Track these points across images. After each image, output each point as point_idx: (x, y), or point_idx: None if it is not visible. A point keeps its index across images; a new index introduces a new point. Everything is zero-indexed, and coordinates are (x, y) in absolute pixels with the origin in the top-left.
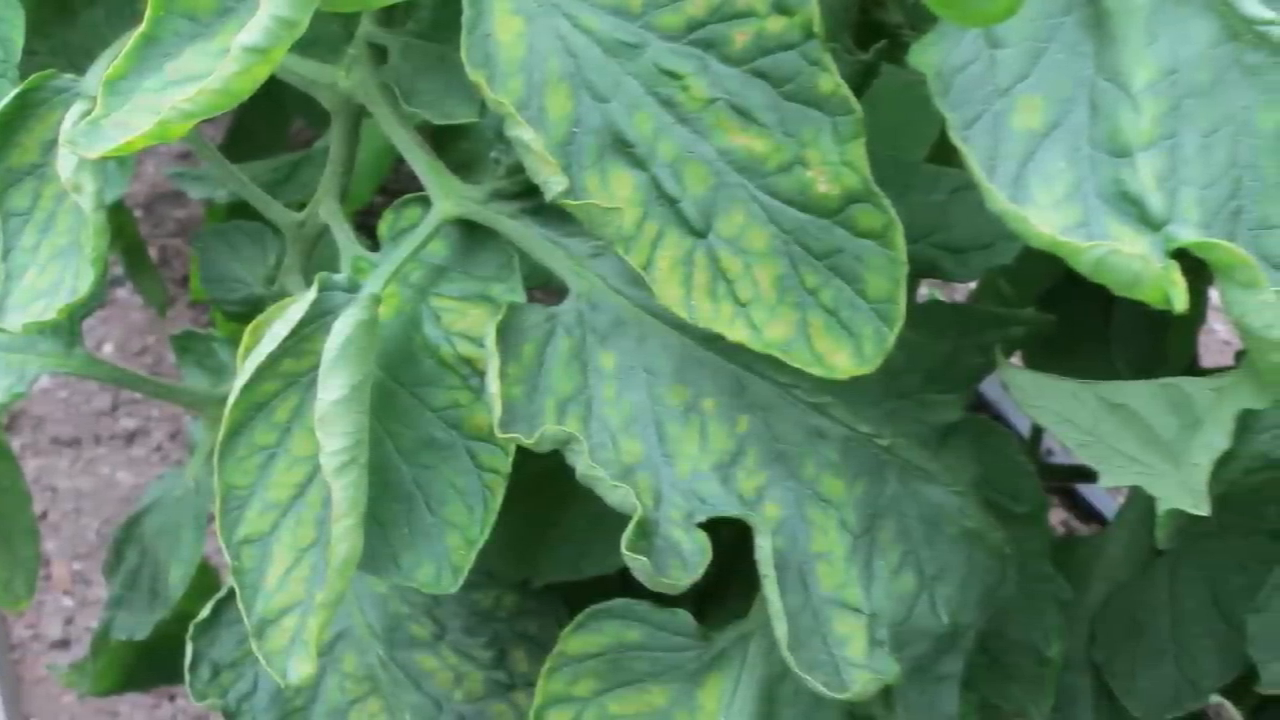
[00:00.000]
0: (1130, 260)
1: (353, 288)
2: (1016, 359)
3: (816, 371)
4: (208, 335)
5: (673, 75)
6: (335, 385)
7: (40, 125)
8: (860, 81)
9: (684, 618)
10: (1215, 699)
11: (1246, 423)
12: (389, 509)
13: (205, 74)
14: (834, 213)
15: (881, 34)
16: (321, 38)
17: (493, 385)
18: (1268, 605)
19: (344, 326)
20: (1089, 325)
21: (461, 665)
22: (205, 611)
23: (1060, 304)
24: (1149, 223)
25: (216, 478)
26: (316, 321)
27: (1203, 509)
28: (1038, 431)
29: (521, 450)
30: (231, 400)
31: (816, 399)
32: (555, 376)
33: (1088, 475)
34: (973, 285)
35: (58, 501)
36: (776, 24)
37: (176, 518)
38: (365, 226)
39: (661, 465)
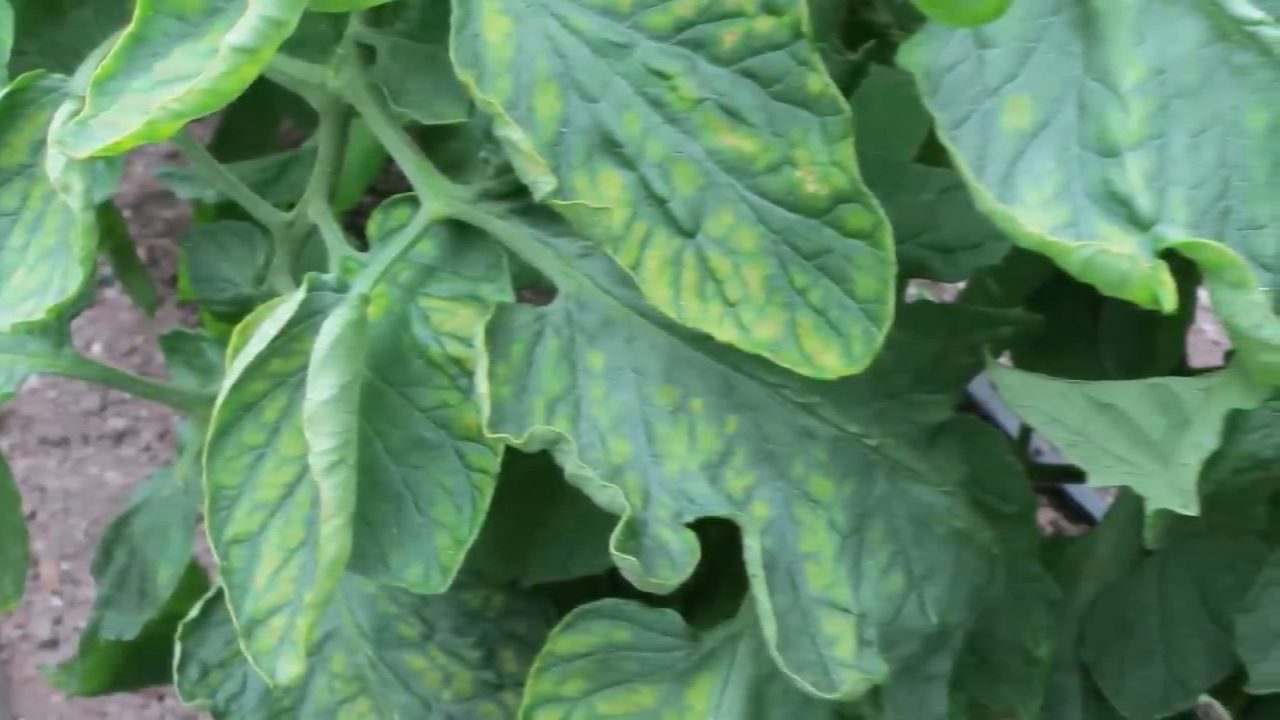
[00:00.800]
0: (1119, 260)
1: (341, 288)
2: (1005, 359)
3: (805, 371)
4: (196, 335)
5: (661, 75)
6: (324, 385)
7: (29, 125)
8: (849, 81)
9: (673, 618)
10: (1204, 699)
11: (1235, 423)
12: (378, 509)
13: (194, 74)
14: (822, 213)
15: (870, 34)
16: (310, 38)
17: (481, 385)
18: (1257, 605)
19: (333, 326)
20: (1077, 325)
21: (450, 665)
22: (194, 611)
23: (1049, 304)
24: (1137, 222)
25: (205, 478)
26: (305, 321)
27: (1191, 509)
28: (1026, 431)
29: (510, 450)
30: (220, 400)
31: (805, 399)
32: (544, 376)
33: (1076, 475)
34: (961, 285)
35: (46, 501)
36: (765, 24)
37: (165, 518)
38: (354, 226)
39: (650, 465)
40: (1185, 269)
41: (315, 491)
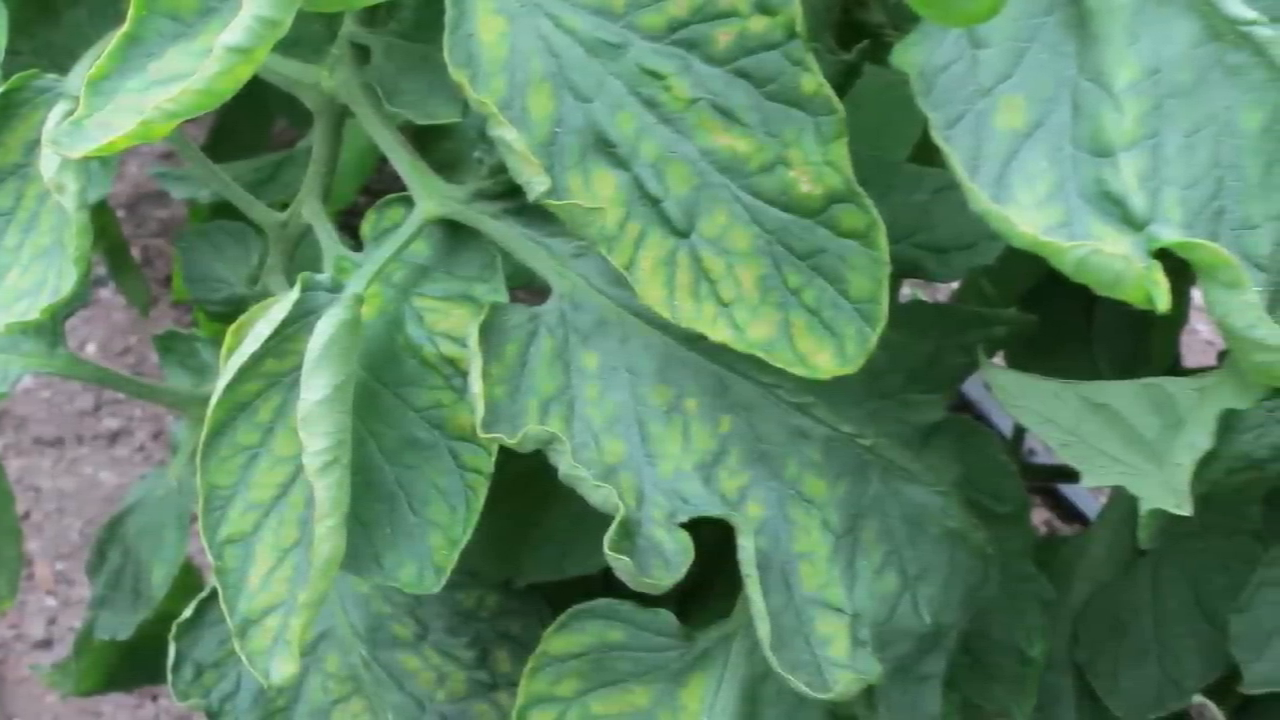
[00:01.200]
0: (1112, 260)
1: (335, 288)
2: (999, 359)
3: (799, 371)
4: (190, 335)
5: (655, 75)
6: (318, 385)
7: (23, 125)
8: (843, 81)
9: (666, 618)
10: (1198, 699)
11: (1229, 423)
12: (372, 509)
13: (188, 74)
14: (816, 213)
15: (864, 34)
16: (304, 38)
17: (475, 385)
18: (1250, 605)
19: (327, 326)
20: (1071, 325)
21: (444, 665)
22: (188, 611)
23: (1043, 304)
24: (1131, 223)
25: (199, 478)
26: (299, 321)
27: (1185, 509)
28: (1020, 431)
29: (504, 450)
30: (214, 400)
31: (799, 399)
32: (538, 376)
33: (1070, 475)
34: (955, 285)
35: (41, 501)
36: (759, 24)
37: (159, 518)
38: (348, 226)
39: (644, 465)
40: (1179, 269)
41: (309, 491)
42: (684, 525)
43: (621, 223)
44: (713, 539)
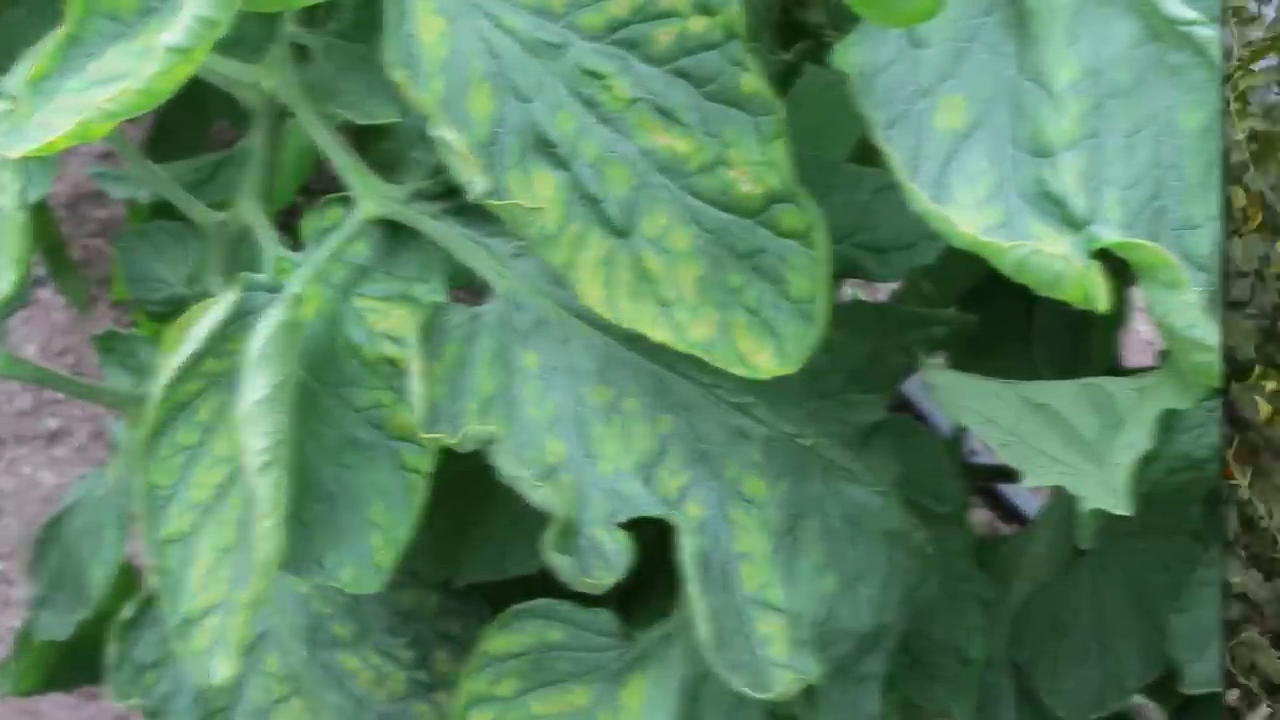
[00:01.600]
0: (1052, 260)
1: (275, 288)
2: (939, 359)
3: (739, 371)
4: (130, 335)
5: (595, 75)
6: (258, 385)
7: None
8: (783, 81)
9: (606, 618)
10: (1139, 700)
11: (1169, 423)
12: (311, 509)
13: (128, 74)
14: (756, 213)
15: (804, 34)
16: (244, 38)
17: (416, 385)
18: (1190, 605)
19: (266, 327)
20: (1011, 325)
21: (384, 665)
22: (128, 611)
23: (982, 304)
24: (1071, 223)
25: (139, 477)
26: (239, 321)
27: (1124, 509)
28: (961, 431)
29: (444, 450)
30: (154, 400)
31: (739, 399)
32: (478, 376)
33: (1011, 475)
34: (895, 285)
35: None
36: (699, 24)
37: (99, 518)
38: (288, 227)
39: (584, 465)
40: (1119, 269)
41: (248, 491)
42: (624, 525)
43: (561, 223)
44: (654, 538)
